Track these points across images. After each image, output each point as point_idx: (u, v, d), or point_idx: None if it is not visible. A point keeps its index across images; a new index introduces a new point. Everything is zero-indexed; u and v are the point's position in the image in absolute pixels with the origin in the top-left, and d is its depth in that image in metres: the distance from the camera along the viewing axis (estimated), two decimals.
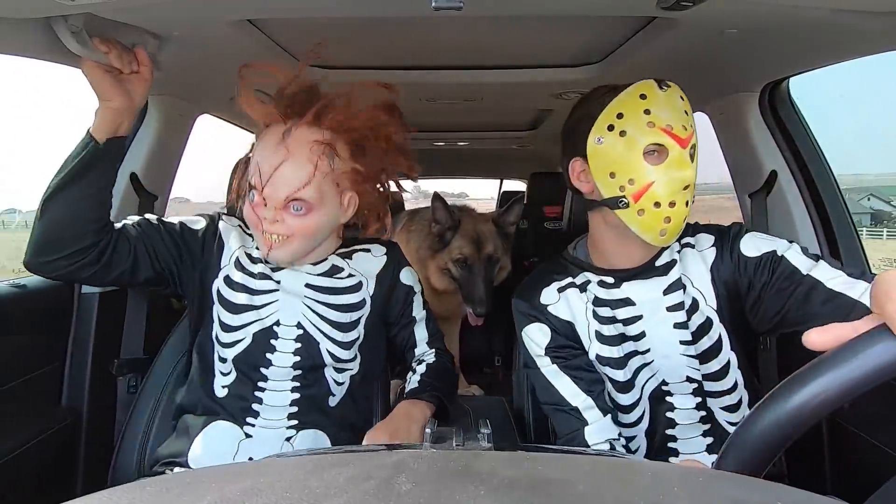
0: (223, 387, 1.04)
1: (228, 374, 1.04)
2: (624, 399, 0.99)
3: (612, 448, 0.95)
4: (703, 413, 0.99)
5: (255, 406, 1.01)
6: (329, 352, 1.04)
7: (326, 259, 1.08)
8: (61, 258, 0.92)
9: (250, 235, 1.07)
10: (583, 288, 1.01)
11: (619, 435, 0.98)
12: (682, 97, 0.93)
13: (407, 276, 1.14)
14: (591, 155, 0.93)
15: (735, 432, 0.47)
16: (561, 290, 1.02)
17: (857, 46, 1.01)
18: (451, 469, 0.35)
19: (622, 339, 0.98)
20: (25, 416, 1.17)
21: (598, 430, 0.96)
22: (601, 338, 0.98)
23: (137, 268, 1.00)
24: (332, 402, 1.06)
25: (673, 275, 0.98)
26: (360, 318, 1.08)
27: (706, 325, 0.97)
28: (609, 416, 0.97)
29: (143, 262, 1.00)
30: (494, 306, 2.52)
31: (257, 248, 1.05)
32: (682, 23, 1.00)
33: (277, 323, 1.02)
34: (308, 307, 1.04)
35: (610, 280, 1.00)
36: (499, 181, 4.45)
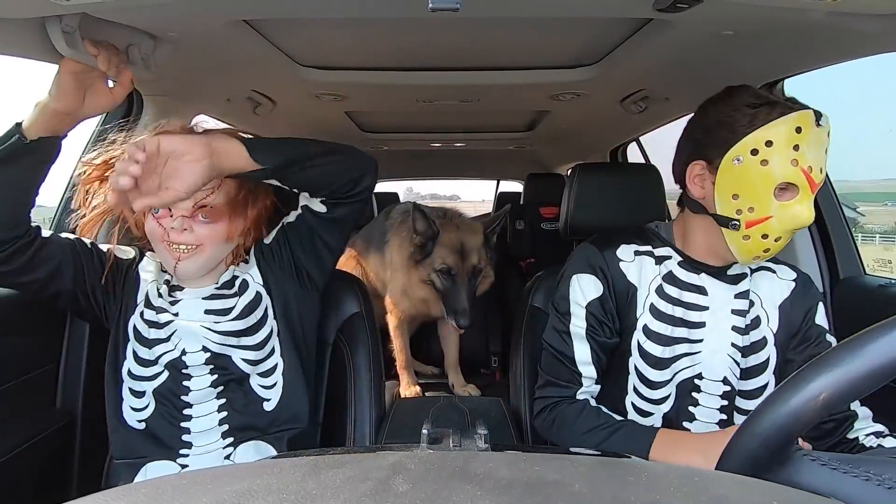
0: (139, 420, 1.01)
1: (146, 407, 1.01)
2: (654, 375, 0.99)
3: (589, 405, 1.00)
4: (724, 417, 1.00)
5: (184, 437, 1.00)
6: (244, 359, 1.02)
7: (227, 271, 1.07)
8: None
9: (164, 271, 1.06)
10: (659, 261, 1.02)
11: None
12: (828, 133, 0.89)
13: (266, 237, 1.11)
14: (722, 170, 0.90)
15: (737, 431, 0.47)
16: (638, 253, 1.03)
17: (852, 48, 1.01)
18: (448, 470, 0.35)
19: (679, 322, 0.99)
20: (20, 418, 1.16)
21: (584, 394, 1.02)
22: (655, 312, 1.00)
23: (54, 280, 0.96)
24: (269, 406, 1.04)
25: (743, 285, 1.00)
26: (264, 311, 1.06)
27: (760, 343, 0.99)
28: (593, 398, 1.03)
29: (64, 276, 0.96)
30: (490, 308, 2.53)
31: (166, 283, 1.04)
32: (678, 25, 1.01)
33: (184, 352, 1.00)
34: (208, 328, 1.01)
35: (691, 266, 1.01)
36: (495, 182, 4.46)
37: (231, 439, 1.00)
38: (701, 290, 0.99)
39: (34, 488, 1.17)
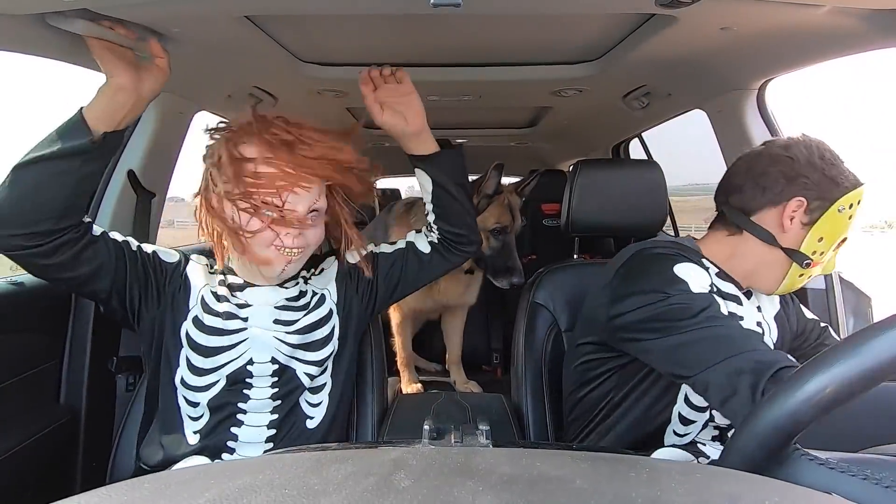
0: (195, 432, 0.98)
1: (200, 417, 0.98)
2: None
3: None
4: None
5: (229, 443, 0.98)
6: (306, 373, 1.02)
7: (297, 276, 1.05)
8: (17, 235, 0.84)
9: (213, 273, 1.03)
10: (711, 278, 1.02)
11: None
12: None
13: (352, 256, 1.09)
14: (826, 217, 0.94)
15: (736, 431, 0.47)
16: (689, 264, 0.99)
17: (854, 44, 1.01)
18: (449, 466, 0.35)
19: None
20: (24, 414, 1.17)
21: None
22: None
23: (92, 280, 0.92)
24: (312, 424, 1.03)
25: (755, 301, 1.06)
26: (331, 330, 1.05)
27: None
28: None
29: (103, 277, 0.93)
30: (491, 305, 2.53)
31: (222, 284, 1.00)
32: (680, 20, 1.00)
33: (251, 361, 0.98)
34: (279, 339, 0.99)
35: (731, 286, 1.02)
36: None
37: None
38: (738, 303, 1.02)
39: (38, 484, 1.18)
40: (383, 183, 4.11)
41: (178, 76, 1.34)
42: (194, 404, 0.97)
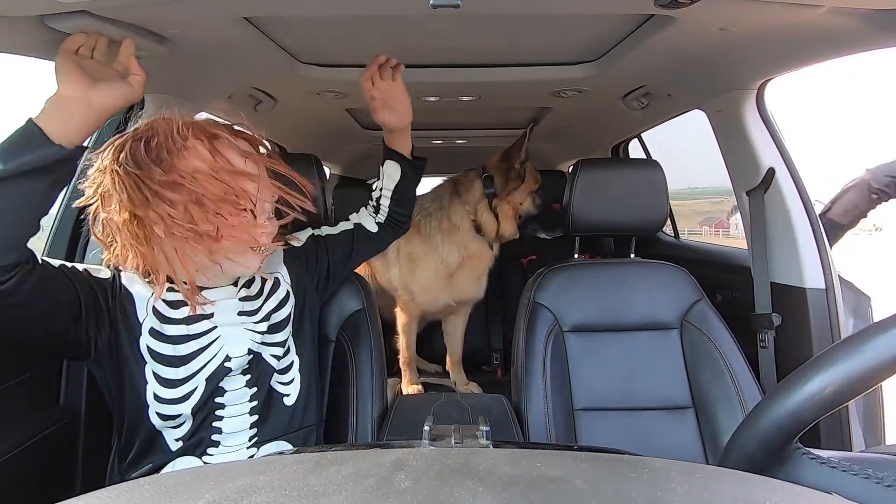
0: (177, 439, 0.95)
1: (181, 424, 0.95)
2: None
3: None
4: None
5: (214, 436, 0.96)
6: (273, 355, 1.03)
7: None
8: None
9: (149, 283, 0.94)
10: None
11: None
12: None
13: (297, 241, 1.16)
14: None
15: (737, 430, 0.47)
16: None
17: (853, 44, 1.01)
18: (449, 466, 0.35)
19: None
20: (24, 415, 1.17)
21: None
22: None
23: (56, 310, 0.83)
24: (289, 401, 1.04)
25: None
26: (290, 311, 1.07)
27: None
28: None
29: (63, 304, 0.84)
30: (491, 305, 2.53)
31: (171, 291, 0.94)
32: (680, 21, 1.00)
33: (228, 358, 0.96)
34: (249, 329, 0.99)
35: None
36: None
37: (256, 439, 1.00)
38: None
39: (37, 485, 1.18)
40: None
41: (178, 77, 1.34)
42: (173, 417, 0.93)
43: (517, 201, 1.95)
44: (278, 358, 1.04)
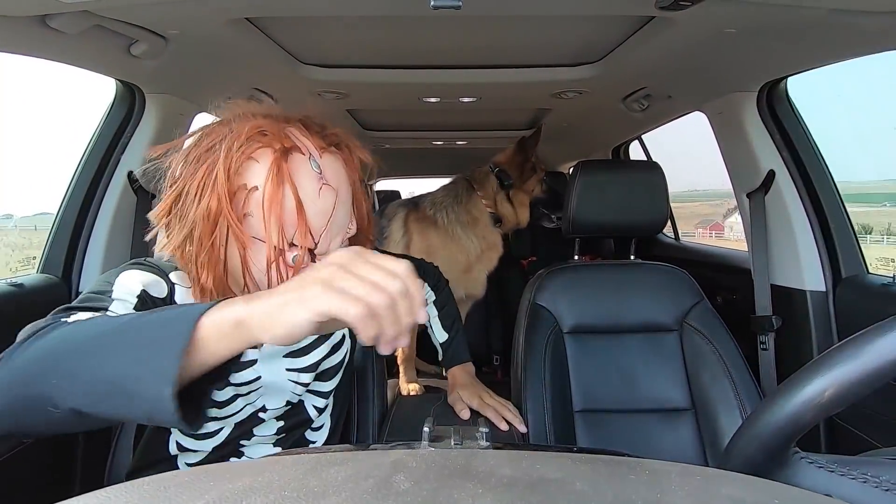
0: (189, 464, 0.85)
1: (196, 453, 0.85)
2: None
3: None
4: None
5: (231, 459, 0.87)
6: (314, 406, 0.92)
7: None
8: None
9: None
10: None
11: None
12: None
13: None
14: None
15: (736, 433, 0.47)
16: None
17: (855, 46, 1.01)
18: (449, 468, 0.35)
19: None
20: None
21: None
22: None
23: None
24: (315, 444, 0.95)
25: None
26: (343, 356, 0.94)
27: None
28: None
29: None
30: (491, 307, 2.53)
31: None
32: (680, 23, 1.00)
33: (263, 408, 0.85)
34: (293, 381, 0.86)
35: None
36: None
37: None
38: None
39: (36, 486, 1.18)
40: (383, 185, 4.11)
41: (179, 78, 1.34)
42: (192, 451, 0.84)
43: (530, 189, 2.10)
44: (319, 410, 0.92)
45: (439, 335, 1.26)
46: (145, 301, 0.72)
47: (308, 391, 0.90)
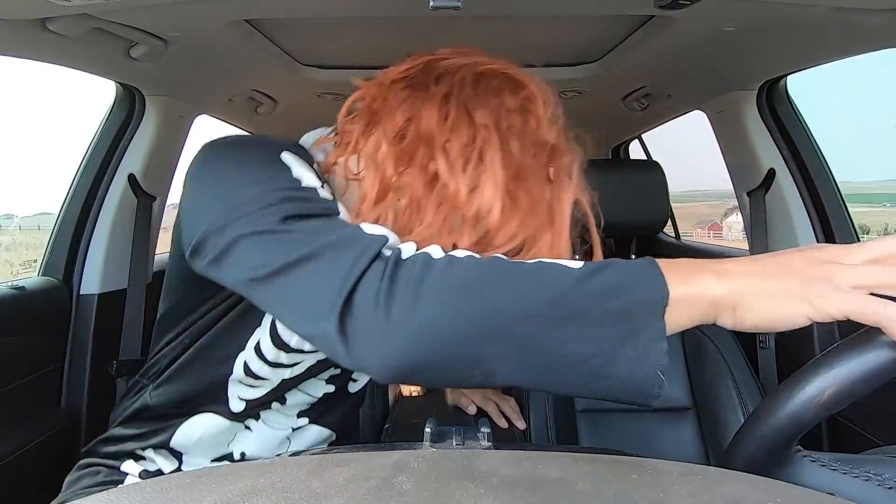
0: (242, 398, 0.77)
1: (257, 388, 0.77)
2: None
3: None
4: None
5: (263, 412, 0.80)
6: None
7: None
8: None
9: None
10: None
11: None
12: None
13: None
14: None
15: (737, 434, 0.47)
16: None
17: (856, 44, 1.01)
18: (451, 468, 0.35)
19: None
20: (25, 418, 1.17)
21: None
22: None
23: None
24: (353, 388, 0.88)
25: None
26: None
27: None
28: None
29: None
30: None
31: None
32: (680, 21, 1.00)
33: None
34: None
35: None
36: None
37: (305, 420, 0.84)
38: None
39: (38, 488, 1.18)
40: None
41: (178, 80, 1.34)
42: (260, 378, 0.72)
43: None
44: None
45: None
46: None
47: None
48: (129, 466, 0.78)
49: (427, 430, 0.49)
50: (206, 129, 1.88)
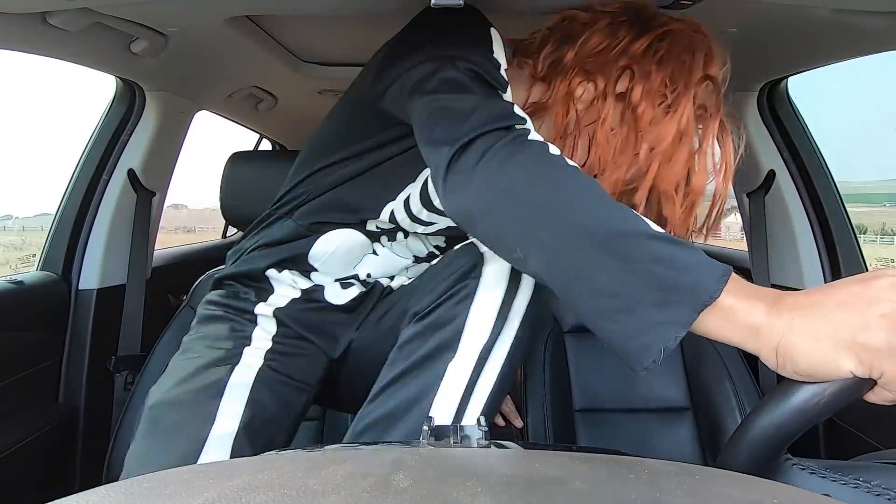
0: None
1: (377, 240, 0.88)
2: None
3: None
4: None
5: (390, 241, 0.89)
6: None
7: None
8: None
9: None
10: None
11: None
12: None
13: None
14: None
15: (737, 431, 0.47)
16: None
17: (858, 46, 1.01)
18: (448, 466, 0.35)
19: None
20: (23, 413, 1.17)
21: None
22: None
23: None
24: None
25: None
26: None
27: None
28: None
29: None
30: None
31: None
32: None
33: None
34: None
35: None
36: None
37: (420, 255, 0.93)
38: None
39: (36, 483, 1.18)
40: None
41: (179, 75, 1.34)
42: (400, 227, 0.85)
43: None
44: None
45: None
46: None
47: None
48: (260, 308, 0.86)
49: (425, 427, 0.49)
50: (207, 125, 1.89)
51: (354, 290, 0.88)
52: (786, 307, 0.45)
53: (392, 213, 0.82)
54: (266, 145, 2.53)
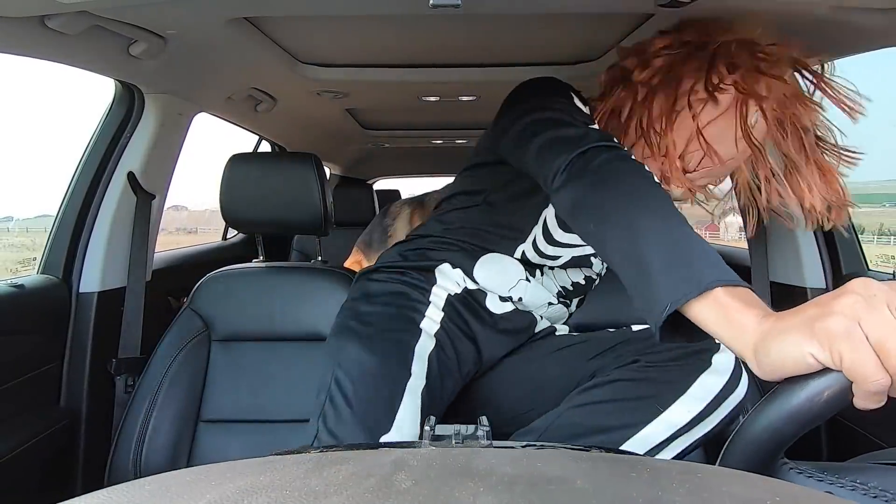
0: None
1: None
2: None
3: None
4: None
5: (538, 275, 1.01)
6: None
7: None
8: None
9: None
10: None
11: None
12: None
13: None
14: None
15: (738, 430, 0.47)
16: None
17: (857, 43, 1.01)
18: (450, 466, 0.35)
19: None
20: (24, 416, 1.17)
21: None
22: None
23: None
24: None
25: None
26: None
27: None
28: None
29: None
30: None
31: None
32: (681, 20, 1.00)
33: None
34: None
35: None
36: None
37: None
38: None
39: (38, 486, 1.18)
40: (382, 184, 4.11)
41: (178, 78, 1.34)
42: (533, 263, 0.98)
43: None
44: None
45: None
46: None
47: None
48: (436, 292, 0.96)
49: (426, 428, 0.49)
50: (206, 127, 1.89)
51: (510, 306, 0.99)
52: (774, 316, 0.47)
53: (523, 252, 0.96)
54: (265, 147, 2.53)
